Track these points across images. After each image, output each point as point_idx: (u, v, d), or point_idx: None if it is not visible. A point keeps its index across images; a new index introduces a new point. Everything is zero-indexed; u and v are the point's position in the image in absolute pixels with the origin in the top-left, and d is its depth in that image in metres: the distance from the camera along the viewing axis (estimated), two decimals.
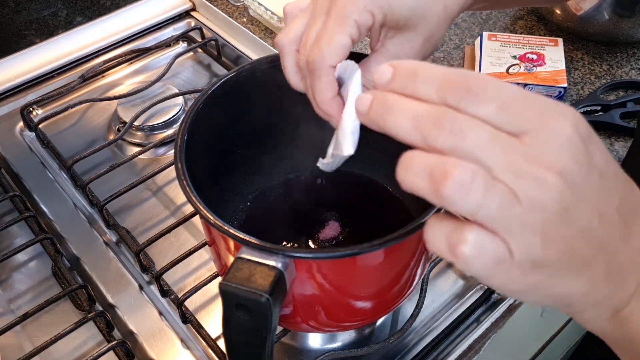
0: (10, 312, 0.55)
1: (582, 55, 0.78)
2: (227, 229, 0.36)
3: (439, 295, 0.56)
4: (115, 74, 0.79)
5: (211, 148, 0.46)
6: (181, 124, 0.42)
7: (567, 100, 0.72)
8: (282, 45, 0.38)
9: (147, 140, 0.70)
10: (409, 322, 0.50)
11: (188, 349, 0.52)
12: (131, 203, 0.64)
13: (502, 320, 0.51)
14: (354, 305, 0.41)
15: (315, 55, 0.35)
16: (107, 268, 0.57)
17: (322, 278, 0.37)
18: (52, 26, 0.82)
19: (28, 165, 0.68)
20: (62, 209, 0.63)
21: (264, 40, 0.81)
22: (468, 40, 0.81)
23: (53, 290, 0.56)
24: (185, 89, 0.75)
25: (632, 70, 0.76)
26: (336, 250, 0.35)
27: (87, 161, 0.65)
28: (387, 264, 0.39)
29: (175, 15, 0.86)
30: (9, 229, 0.60)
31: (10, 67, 0.76)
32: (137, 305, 0.55)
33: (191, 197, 0.38)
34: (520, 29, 0.83)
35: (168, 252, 0.59)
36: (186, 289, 0.53)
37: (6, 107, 0.74)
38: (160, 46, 0.82)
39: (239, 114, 0.48)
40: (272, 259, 0.34)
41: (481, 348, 0.49)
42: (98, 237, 0.60)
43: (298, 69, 0.39)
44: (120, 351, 0.50)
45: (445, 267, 0.58)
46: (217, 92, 0.45)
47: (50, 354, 0.51)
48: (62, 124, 0.73)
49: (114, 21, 0.82)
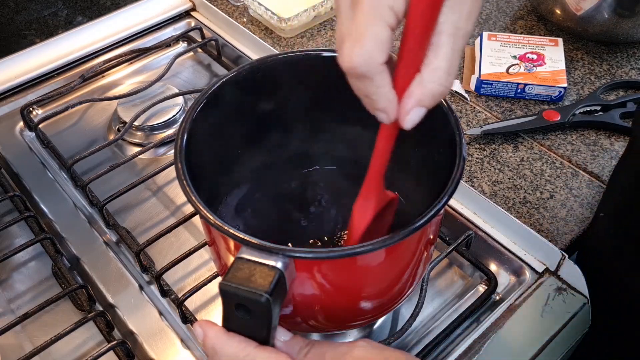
0: (10, 312, 0.55)
1: (582, 55, 0.78)
2: (227, 229, 0.36)
3: (439, 295, 0.56)
4: (115, 74, 0.79)
5: (211, 148, 0.46)
6: (181, 124, 0.42)
7: (567, 100, 0.72)
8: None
9: (147, 140, 0.70)
10: (408, 322, 0.50)
11: (188, 349, 0.52)
12: (131, 203, 0.64)
13: (502, 320, 0.51)
14: (354, 305, 0.41)
15: (358, 58, 0.30)
16: (107, 268, 0.57)
17: (322, 278, 0.37)
18: (52, 26, 0.82)
19: (28, 165, 0.68)
20: (62, 209, 0.63)
21: (264, 40, 0.81)
22: (468, 40, 0.81)
23: (53, 290, 0.56)
24: (185, 89, 0.75)
25: (632, 70, 0.76)
26: (336, 250, 0.35)
27: (87, 161, 0.65)
28: (387, 263, 0.39)
29: (175, 15, 0.86)
30: (9, 229, 0.60)
31: (10, 67, 0.76)
32: (137, 305, 0.55)
33: (191, 197, 0.38)
34: (520, 29, 0.83)
35: (168, 252, 0.59)
36: (186, 289, 0.53)
37: (6, 107, 0.74)
38: (160, 46, 0.82)
39: (239, 114, 0.48)
40: (272, 258, 0.34)
41: (481, 348, 0.49)
42: (98, 237, 0.60)
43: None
44: (120, 351, 0.50)
45: (445, 267, 0.58)
46: (217, 92, 0.45)
47: (50, 354, 0.51)
48: (62, 124, 0.73)
49: (114, 21, 0.82)
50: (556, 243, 0.57)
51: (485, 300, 0.54)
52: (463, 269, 0.58)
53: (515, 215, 0.59)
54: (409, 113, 0.32)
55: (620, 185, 0.53)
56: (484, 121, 0.70)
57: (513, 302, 0.52)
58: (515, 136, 0.68)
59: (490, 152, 0.66)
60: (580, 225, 0.59)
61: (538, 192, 0.62)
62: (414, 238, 0.38)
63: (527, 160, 0.65)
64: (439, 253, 0.55)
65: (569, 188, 0.62)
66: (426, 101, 0.32)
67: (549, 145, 0.67)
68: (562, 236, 0.58)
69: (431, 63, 0.31)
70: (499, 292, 0.55)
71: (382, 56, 0.30)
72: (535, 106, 0.71)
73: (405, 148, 0.50)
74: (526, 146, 0.67)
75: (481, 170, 0.64)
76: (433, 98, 0.32)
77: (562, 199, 0.61)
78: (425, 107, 0.33)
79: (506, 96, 0.73)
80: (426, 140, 0.46)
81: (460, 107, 0.72)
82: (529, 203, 0.61)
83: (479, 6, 0.32)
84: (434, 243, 0.45)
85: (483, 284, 0.56)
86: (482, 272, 0.56)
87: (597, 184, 0.63)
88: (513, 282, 0.56)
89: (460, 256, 0.57)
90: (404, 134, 0.48)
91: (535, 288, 0.53)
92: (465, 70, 0.76)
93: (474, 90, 0.73)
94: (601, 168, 0.64)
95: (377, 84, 0.31)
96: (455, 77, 0.74)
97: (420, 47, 0.31)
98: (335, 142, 0.53)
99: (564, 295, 0.53)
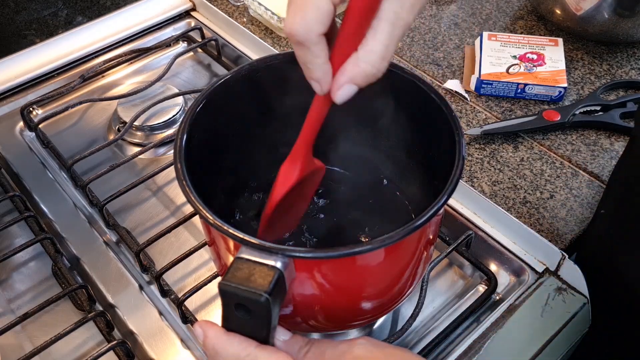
0: (10, 312, 0.55)
1: (582, 55, 0.78)
2: (226, 229, 0.36)
3: (439, 295, 0.56)
4: (115, 74, 0.79)
5: (211, 148, 0.46)
6: (181, 124, 0.42)
7: (567, 100, 0.72)
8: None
9: (147, 140, 0.70)
10: (409, 322, 0.50)
11: (188, 349, 0.52)
12: (131, 203, 0.64)
13: (502, 320, 0.51)
14: (353, 305, 0.41)
15: (298, 26, 0.32)
16: (107, 268, 0.57)
17: (321, 278, 0.37)
18: (52, 26, 0.82)
19: (28, 165, 0.68)
20: (62, 209, 0.63)
21: (264, 40, 0.81)
22: (468, 40, 0.81)
23: (53, 290, 0.56)
24: (185, 89, 0.75)
25: (632, 70, 0.76)
26: (336, 250, 0.35)
27: (87, 161, 0.65)
28: (387, 263, 0.39)
29: (175, 15, 0.86)
30: (9, 229, 0.60)
31: (10, 67, 0.76)
32: (137, 305, 0.55)
33: (191, 197, 0.38)
34: (520, 29, 0.83)
35: (168, 252, 0.59)
36: (186, 289, 0.53)
37: (6, 107, 0.74)
38: (160, 46, 0.82)
39: (239, 114, 0.48)
40: (272, 258, 0.34)
41: (481, 348, 0.49)
42: (98, 237, 0.60)
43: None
44: (120, 351, 0.50)
45: (446, 267, 0.58)
46: (217, 92, 0.45)
47: (50, 354, 0.51)
48: (62, 124, 0.73)
49: (114, 21, 0.82)
50: (556, 243, 0.57)
51: (485, 300, 0.54)
52: (463, 269, 0.58)
53: (515, 215, 0.59)
54: (340, 88, 0.34)
55: (620, 185, 0.53)
56: (484, 121, 0.70)
57: (513, 302, 0.52)
58: (515, 136, 0.68)
59: (490, 152, 0.66)
60: (580, 225, 0.59)
61: (538, 192, 0.62)
62: (413, 238, 0.38)
63: (527, 160, 0.65)
64: (439, 253, 0.55)
65: (569, 188, 0.62)
66: (358, 79, 0.34)
67: (549, 145, 0.67)
68: (562, 236, 0.58)
69: (368, 45, 0.33)
70: (499, 292, 0.55)
71: (321, 28, 0.32)
72: (535, 106, 0.71)
73: (405, 148, 0.50)
74: (526, 146, 0.67)
75: (481, 170, 0.64)
76: (365, 78, 0.33)
77: (562, 199, 0.61)
78: (357, 85, 0.34)
79: (506, 96, 0.72)
80: (426, 140, 0.46)
81: (460, 107, 0.72)
82: (529, 203, 0.61)
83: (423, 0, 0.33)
84: (434, 243, 0.45)
85: (483, 284, 0.56)
86: (482, 272, 0.56)
87: (597, 184, 0.63)
88: (513, 282, 0.56)
89: (460, 256, 0.57)
90: (404, 133, 0.48)
91: (535, 288, 0.53)
92: (465, 70, 0.76)
93: (474, 90, 0.73)
94: (601, 168, 0.64)
95: (313, 54, 0.33)
96: (459, 77, 0.74)
97: (360, 28, 0.32)
98: (337, 142, 0.53)
99: (564, 295, 0.52)
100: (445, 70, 0.77)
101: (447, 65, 0.77)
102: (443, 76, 0.76)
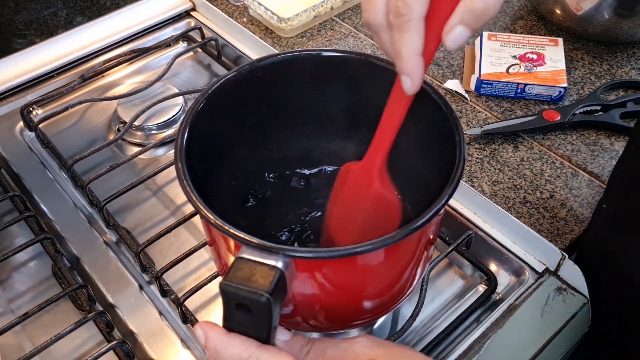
0: (10, 312, 0.55)
1: (582, 55, 0.78)
2: (227, 229, 0.36)
3: (439, 295, 0.56)
4: (115, 74, 0.79)
5: (211, 148, 0.46)
6: (182, 124, 0.42)
7: (567, 100, 0.72)
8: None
9: (147, 140, 0.70)
10: (408, 322, 0.50)
11: (188, 349, 0.52)
12: (131, 203, 0.64)
13: (502, 320, 0.51)
14: (354, 305, 0.41)
15: (403, 5, 0.32)
16: (107, 268, 0.57)
17: (322, 277, 0.37)
18: (52, 26, 0.82)
19: (28, 165, 0.68)
20: (62, 209, 0.63)
21: (264, 40, 0.81)
22: (468, 40, 0.81)
23: (53, 290, 0.56)
24: (185, 89, 0.75)
25: (632, 70, 0.76)
26: (337, 250, 0.35)
27: (87, 161, 0.65)
28: (388, 263, 0.39)
29: (175, 15, 0.86)
30: (9, 229, 0.60)
31: (10, 67, 0.76)
32: (137, 305, 0.55)
33: (192, 197, 0.38)
34: (520, 28, 0.83)
35: (168, 252, 0.59)
36: (186, 289, 0.53)
37: (6, 107, 0.74)
38: (160, 46, 0.82)
39: (239, 114, 0.48)
40: (273, 258, 0.34)
41: (481, 348, 0.49)
42: (98, 237, 0.60)
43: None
44: (120, 351, 0.50)
45: (446, 267, 0.58)
46: (217, 92, 0.45)
47: (50, 354, 0.51)
48: (62, 124, 0.73)
49: (114, 21, 0.82)
50: (556, 243, 0.57)
51: (485, 300, 0.54)
52: (463, 269, 0.58)
53: (515, 215, 0.59)
54: (451, 31, 0.33)
55: (620, 185, 0.53)
56: (484, 121, 0.70)
57: (513, 302, 0.52)
58: (515, 136, 0.68)
59: (490, 152, 0.66)
60: (580, 225, 0.59)
61: (538, 192, 0.62)
62: (414, 238, 0.38)
63: (527, 160, 0.65)
64: (439, 253, 0.55)
65: (569, 188, 0.62)
66: (467, 19, 0.32)
67: (549, 145, 0.67)
68: (562, 236, 0.58)
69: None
70: (499, 292, 0.55)
71: (423, 9, 0.32)
72: (535, 106, 0.71)
73: (405, 148, 0.50)
74: (526, 146, 0.67)
75: (481, 170, 0.64)
76: (476, 17, 0.32)
77: (562, 199, 0.61)
78: (467, 27, 0.33)
79: (506, 96, 0.73)
80: (426, 140, 0.46)
81: (460, 107, 0.72)
82: (529, 203, 0.61)
83: None
84: (434, 243, 0.45)
85: (483, 284, 0.56)
86: (482, 272, 0.56)
87: (597, 184, 0.63)
88: (513, 282, 0.56)
89: (460, 256, 0.57)
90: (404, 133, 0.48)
91: (535, 288, 0.53)
92: (465, 70, 0.76)
93: (474, 90, 0.73)
94: (601, 168, 0.64)
95: (412, 36, 0.33)
96: (458, 77, 0.74)
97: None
98: (338, 142, 0.53)
99: (564, 295, 0.53)
100: (445, 70, 0.77)
101: (447, 65, 0.77)
102: (443, 76, 0.76)
